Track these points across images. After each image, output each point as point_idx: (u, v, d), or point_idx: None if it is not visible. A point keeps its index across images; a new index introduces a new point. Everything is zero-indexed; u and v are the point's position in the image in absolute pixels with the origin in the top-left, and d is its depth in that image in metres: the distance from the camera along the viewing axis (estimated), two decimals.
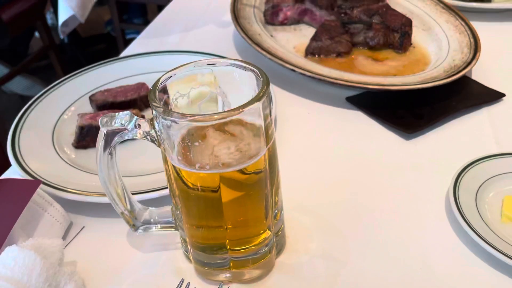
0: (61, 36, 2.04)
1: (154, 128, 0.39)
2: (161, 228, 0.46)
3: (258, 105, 0.37)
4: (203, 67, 0.43)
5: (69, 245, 0.50)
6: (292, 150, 0.62)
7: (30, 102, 0.65)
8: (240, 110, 0.36)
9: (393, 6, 0.84)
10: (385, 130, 0.65)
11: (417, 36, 0.82)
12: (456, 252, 0.48)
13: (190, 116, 0.35)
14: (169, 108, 0.42)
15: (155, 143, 0.40)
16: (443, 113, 0.66)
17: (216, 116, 0.35)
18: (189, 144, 0.38)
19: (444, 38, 0.78)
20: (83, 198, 0.51)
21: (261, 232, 0.43)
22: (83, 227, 0.52)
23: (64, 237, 0.50)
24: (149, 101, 0.37)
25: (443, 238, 0.49)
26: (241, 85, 0.42)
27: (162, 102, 0.40)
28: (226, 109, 0.44)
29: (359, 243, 0.49)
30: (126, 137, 0.39)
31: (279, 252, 0.47)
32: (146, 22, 2.49)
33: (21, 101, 2.17)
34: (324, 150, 0.62)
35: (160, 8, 2.23)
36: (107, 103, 0.66)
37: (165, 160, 0.41)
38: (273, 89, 0.70)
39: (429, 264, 0.47)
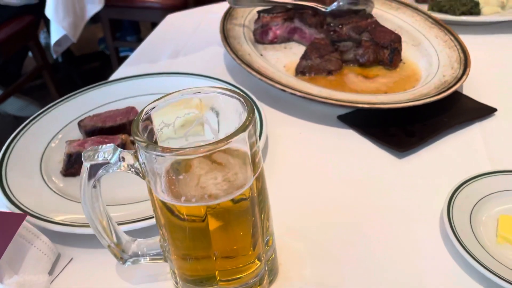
0: (54, 56, 2.04)
1: (138, 160, 0.38)
2: (150, 260, 0.45)
3: (244, 135, 0.36)
4: (188, 94, 0.42)
5: (57, 278, 0.49)
6: (283, 171, 0.61)
7: (17, 131, 0.65)
8: (226, 142, 0.35)
9: (381, 22, 0.84)
10: (378, 149, 0.64)
11: (407, 51, 0.82)
12: (451, 274, 0.47)
13: (174, 150, 0.35)
14: (154, 137, 0.41)
15: (140, 176, 0.39)
16: (435, 130, 0.65)
17: (202, 149, 0.35)
18: (174, 177, 0.37)
19: (434, 53, 0.78)
20: (71, 229, 0.50)
21: (251, 261, 0.42)
22: (71, 258, 0.51)
23: (52, 270, 0.49)
24: (132, 135, 0.37)
25: (438, 260, 0.48)
26: (227, 111, 0.42)
27: (147, 132, 0.39)
28: (212, 134, 0.44)
29: (353, 268, 0.48)
30: (111, 171, 0.39)
31: (271, 280, 0.46)
32: (140, 40, 2.51)
33: (16, 122, 2.16)
34: (316, 171, 0.62)
35: (153, 25, 2.24)
36: (96, 129, 0.65)
37: (150, 191, 0.40)
38: (264, 108, 0.70)
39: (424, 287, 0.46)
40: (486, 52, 0.85)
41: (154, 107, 0.40)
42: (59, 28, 1.84)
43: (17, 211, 0.52)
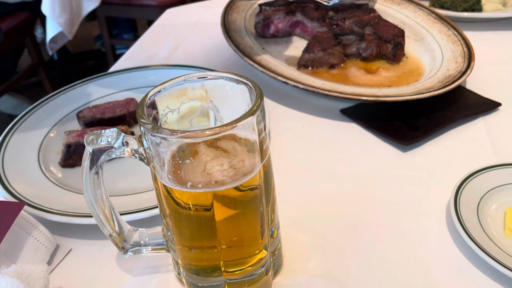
0: (50, 53, 2.02)
1: (142, 145, 0.37)
2: (152, 250, 0.44)
3: (252, 119, 0.35)
4: (193, 81, 0.41)
5: (55, 269, 0.47)
6: (287, 165, 0.60)
7: (15, 121, 0.63)
8: (233, 125, 0.34)
9: (384, 16, 0.84)
10: (381, 142, 0.64)
11: (410, 46, 0.81)
12: (459, 267, 0.46)
13: (180, 133, 0.33)
14: (159, 124, 0.40)
15: (144, 162, 0.38)
16: (439, 124, 0.64)
17: (208, 132, 0.34)
18: (180, 161, 0.36)
19: (437, 48, 0.78)
20: (70, 219, 0.48)
21: (257, 252, 0.41)
22: (70, 249, 0.49)
23: (50, 261, 0.48)
24: (137, 117, 0.36)
25: (445, 253, 0.48)
26: (234, 99, 0.41)
27: (151, 118, 0.38)
28: (218, 124, 0.43)
29: (358, 261, 0.47)
30: (114, 156, 0.37)
31: (276, 272, 0.45)
32: (137, 37, 2.49)
33: (10, 120, 2.13)
34: (319, 164, 0.61)
35: (150, 23, 2.23)
36: (95, 120, 0.64)
37: (154, 179, 0.39)
38: (267, 102, 0.69)
39: (431, 280, 0.45)
40: (488, 48, 0.85)
41: (158, 91, 0.39)
42: (55, 24, 1.82)
43: (14, 201, 0.50)
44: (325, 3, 0.85)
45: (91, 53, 2.74)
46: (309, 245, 0.49)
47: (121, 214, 0.44)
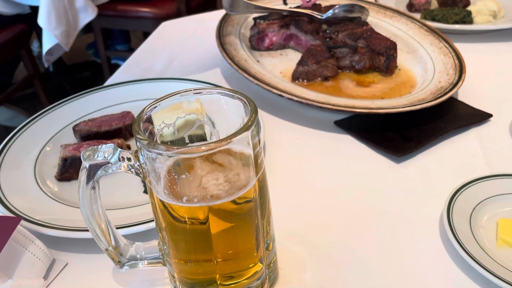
0: (46, 65, 2.02)
1: (138, 160, 0.38)
2: (148, 264, 0.44)
3: (247, 134, 0.36)
4: (189, 96, 0.42)
5: (51, 284, 0.47)
6: (282, 177, 0.61)
7: (11, 134, 0.64)
8: (228, 140, 0.35)
9: (376, 29, 0.85)
10: (375, 154, 0.64)
11: (402, 58, 0.83)
12: (452, 277, 0.47)
13: (176, 149, 0.34)
14: (155, 138, 0.40)
15: (140, 176, 0.38)
16: (431, 135, 0.65)
17: (203, 148, 0.34)
18: (176, 176, 0.36)
19: (429, 60, 0.79)
20: (66, 234, 0.49)
21: (253, 264, 0.42)
22: (66, 264, 0.49)
23: (46, 276, 0.48)
24: (133, 133, 0.36)
25: (439, 263, 0.48)
26: (229, 113, 0.41)
27: (147, 133, 0.39)
28: (213, 137, 0.43)
29: (353, 271, 0.47)
30: (110, 171, 0.38)
31: (272, 285, 0.45)
32: (130, 48, 2.50)
33: (5, 132, 2.13)
34: (314, 176, 0.61)
35: (145, 34, 2.24)
36: (91, 133, 0.65)
37: (150, 193, 0.39)
38: (262, 114, 0.70)
39: None
40: (479, 60, 0.86)
41: (154, 107, 0.39)
42: (51, 37, 1.83)
43: (11, 216, 0.51)
44: (319, 16, 0.86)
45: (87, 65, 2.74)
46: (305, 257, 0.49)
47: (117, 228, 0.44)
